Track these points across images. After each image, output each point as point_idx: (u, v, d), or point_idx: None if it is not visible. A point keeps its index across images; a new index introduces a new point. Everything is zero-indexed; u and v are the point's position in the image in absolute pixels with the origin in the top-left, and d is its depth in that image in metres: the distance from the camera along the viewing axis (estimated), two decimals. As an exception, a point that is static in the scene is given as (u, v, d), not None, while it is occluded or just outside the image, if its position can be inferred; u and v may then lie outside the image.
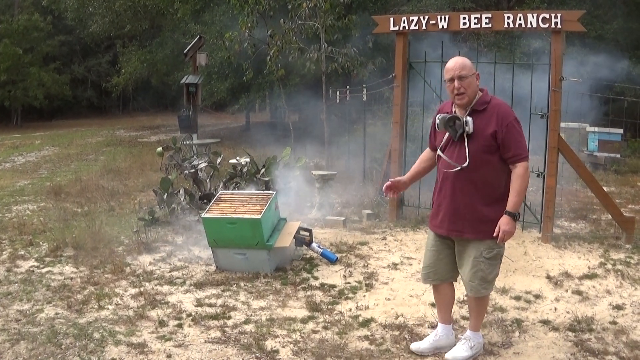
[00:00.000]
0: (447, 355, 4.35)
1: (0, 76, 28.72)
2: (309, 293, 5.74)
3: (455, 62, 4.15)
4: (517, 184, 4.05)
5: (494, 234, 4.05)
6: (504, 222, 4.04)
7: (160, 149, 9.06)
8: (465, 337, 4.43)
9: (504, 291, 5.70)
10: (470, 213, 4.14)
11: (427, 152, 4.58)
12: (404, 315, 5.19)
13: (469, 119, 4.10)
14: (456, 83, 4.10)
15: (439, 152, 4.30)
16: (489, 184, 4.12)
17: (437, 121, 4.24)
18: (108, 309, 5.36)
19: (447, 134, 4.23)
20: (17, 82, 30.24)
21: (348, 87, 12.67)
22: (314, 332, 4.87)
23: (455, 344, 4.44)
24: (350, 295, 5.70)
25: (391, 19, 8.18)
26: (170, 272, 6.41)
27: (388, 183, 4.53)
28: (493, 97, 4.22)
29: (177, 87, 22.08)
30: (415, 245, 7.15)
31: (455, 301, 4.75)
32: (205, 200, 8.30)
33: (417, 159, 4.67)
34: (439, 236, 4.36)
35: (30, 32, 30.30)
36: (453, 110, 4.26)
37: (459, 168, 4.14)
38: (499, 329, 4.88)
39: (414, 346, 4.52)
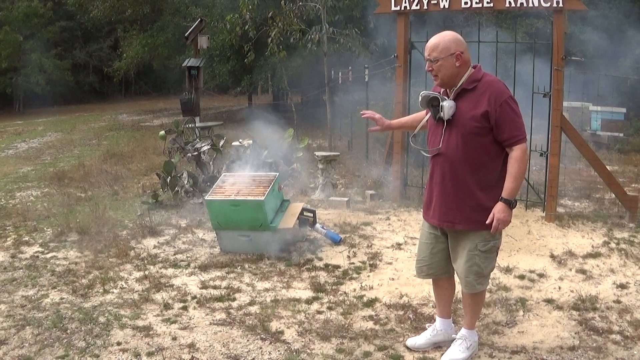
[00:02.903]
0: (443, 358, 4.06)
1: (2, 63, 28.66)
2: (313, 274, 5.76)
3: (429, 42, 3.81)
4: (513, 169, 3.69)
5: (487, 222, 3.73)
6: (498, 209, 3.71)
7: (162, 132, 9.05)
8: (460, 336, 4.13)
9: (507, 270, 5.70)
10: (461, 201, 3.81)
11: (422, 113, 4.21)
12: (408, 295, 5.20)
13: (446, 104, 3.78)
14: (427, 65, 3.82)
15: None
16: (482, 169, 3.77)
17: (420, 98, 3.93)
18: (113, 292, 5.38)
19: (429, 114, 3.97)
20: (19, 69, 30.17)
21: (350, 67, 12.64)
22: (319, 312, 4.89)
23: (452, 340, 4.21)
24: (355, 275, 5.71)
25: (392, -1, 8.13)
26: (174, 255, 6.43)
27: (376, 115, 4.37)
28: (486, 74, 3.84)
29: (179, 70, 21.98)
30: (419, 225, 7.08)
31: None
32: (208, 183, 8.30)
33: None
34: (433, 227, 4.05)
35: (30, 19, 30.20)
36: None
37: (437, 152, 3.89)
38: (503, 308, 4.89)
39: (410, 342, 4.27)
